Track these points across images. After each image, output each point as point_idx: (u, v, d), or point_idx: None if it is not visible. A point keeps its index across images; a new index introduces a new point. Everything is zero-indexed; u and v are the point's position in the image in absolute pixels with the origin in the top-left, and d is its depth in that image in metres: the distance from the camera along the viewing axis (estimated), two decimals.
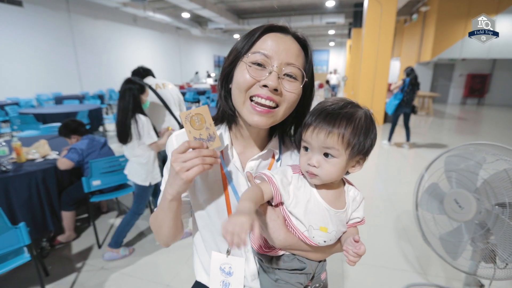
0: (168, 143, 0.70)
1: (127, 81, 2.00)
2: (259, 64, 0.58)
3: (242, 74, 0.59)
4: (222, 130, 0.69)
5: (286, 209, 0.62)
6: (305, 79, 0.62)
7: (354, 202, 0.66)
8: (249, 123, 0.61)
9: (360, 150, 0.58)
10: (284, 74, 0.59)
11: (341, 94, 15.08)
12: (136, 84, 2.00)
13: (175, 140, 0.69)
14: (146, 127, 1.99)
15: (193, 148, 0.56)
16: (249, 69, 0.58)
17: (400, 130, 5.28)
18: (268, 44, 0.58)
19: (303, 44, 0.63)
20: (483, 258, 1.24)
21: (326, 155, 0.58)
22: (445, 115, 9.21)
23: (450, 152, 1.36)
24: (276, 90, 0.57)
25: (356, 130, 0.56)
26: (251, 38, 0.60)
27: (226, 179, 0.68)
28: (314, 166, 0.58)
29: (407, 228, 2.47)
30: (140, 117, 1.98)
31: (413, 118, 8.34)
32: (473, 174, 1.21)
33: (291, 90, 0.59)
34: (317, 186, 0.62)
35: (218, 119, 0.70)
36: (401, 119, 4.99)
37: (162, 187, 0.72)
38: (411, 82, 4.63)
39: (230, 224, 0.45)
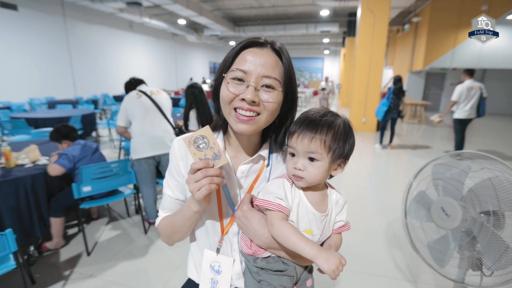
0: (171, 148, 0.75)
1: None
2: (239, 79, 0.63)
3: (224, 89, 0.65)
4: (218, 137, 0.74)
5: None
6: (282, 88, 0.65)
7: (337, 205, 0.70)
8: (235, 131, 0.66)
9: (340, 153, 0.63)
10: (262, 86, 0.63)
11: (335, 101, 15.23)
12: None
13: (177, 145, 0.73)
14: None
15: (198, 169, 0.58)
16: (229, 85, 0.64)
17: (386, 133, 5.65)
18: (246, 60, 0.63)
19: (280, 54, 0.67)
20: (470, 266, 1.26)
21: (310, 159, 0.63)
22: None
23: (437, 161, 1.38)
24: (254, 102, 0.62)
25: (336, 135, 0.62)
26: (231, 56, 0.65)
27: None
28: (300, 169, 0.63)
29: (398, 236, 2.49)
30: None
31: (406, 126, 8.52)
32: (459, 183, 1.24)
33: (269, 100, 0.64)
34: (304, 190, 0.66)
35: (215, 127, 0.75)
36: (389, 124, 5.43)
37: (164, 190, 0.77)
38: (394, 92, 5.06)
39: (333, 265, 0.56)
